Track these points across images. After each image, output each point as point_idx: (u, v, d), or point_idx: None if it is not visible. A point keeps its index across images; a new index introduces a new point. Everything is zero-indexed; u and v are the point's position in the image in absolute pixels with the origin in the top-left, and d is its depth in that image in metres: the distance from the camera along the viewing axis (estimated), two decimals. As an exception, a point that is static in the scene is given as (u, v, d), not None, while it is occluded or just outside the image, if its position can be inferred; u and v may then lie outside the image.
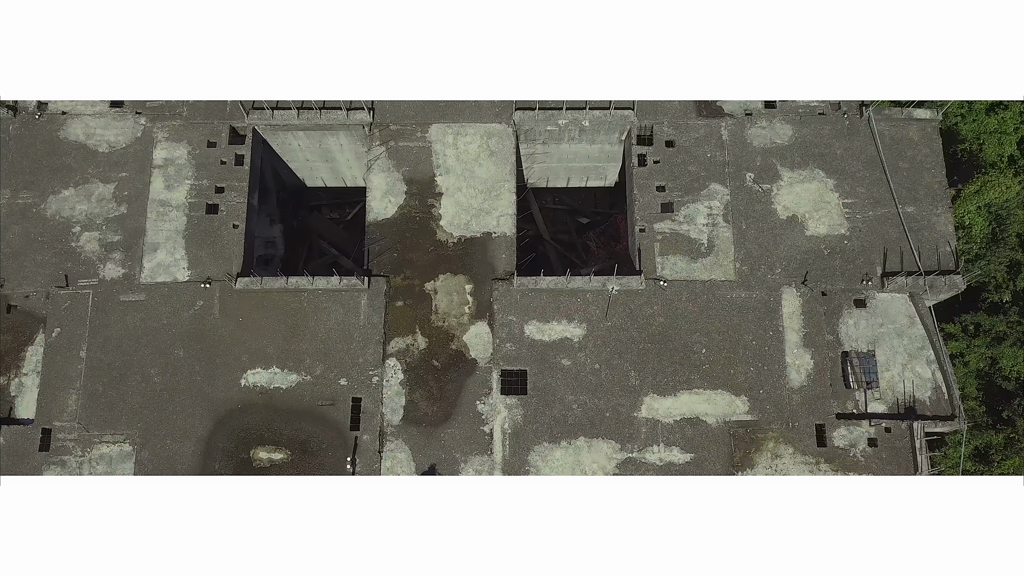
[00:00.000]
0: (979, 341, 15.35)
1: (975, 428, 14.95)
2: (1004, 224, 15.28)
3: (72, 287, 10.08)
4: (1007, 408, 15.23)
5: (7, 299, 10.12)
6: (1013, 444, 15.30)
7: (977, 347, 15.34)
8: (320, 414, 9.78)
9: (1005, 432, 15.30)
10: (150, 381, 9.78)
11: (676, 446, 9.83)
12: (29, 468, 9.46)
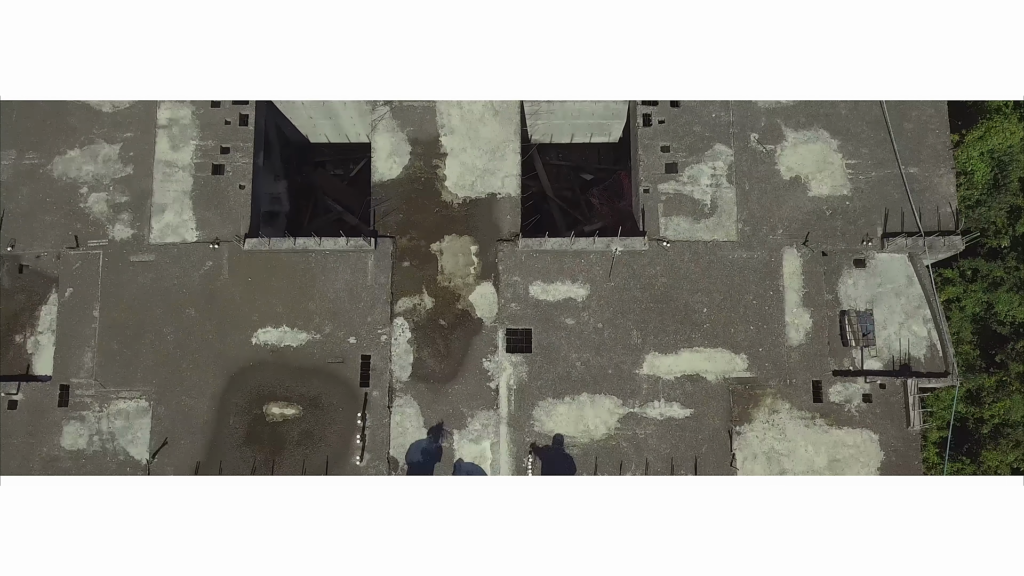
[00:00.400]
0: (976, 286, 15.42)
1: (969, 371, 15.21)
2: (1006, 170, 15.45)
3: (82, 248, 10.26)
4: (1000, 352, 15.48)
5: (19, 259, 10.29)
6: (1004, 387, 15.48)
7: (974, 292, 15.43)
8: (330, 371, 10.06)
9: (997, 375, 15.52)
10: (163, 340, 10.03)
11: (676, 401, 10.16)
12: (50, 423, 9.83)
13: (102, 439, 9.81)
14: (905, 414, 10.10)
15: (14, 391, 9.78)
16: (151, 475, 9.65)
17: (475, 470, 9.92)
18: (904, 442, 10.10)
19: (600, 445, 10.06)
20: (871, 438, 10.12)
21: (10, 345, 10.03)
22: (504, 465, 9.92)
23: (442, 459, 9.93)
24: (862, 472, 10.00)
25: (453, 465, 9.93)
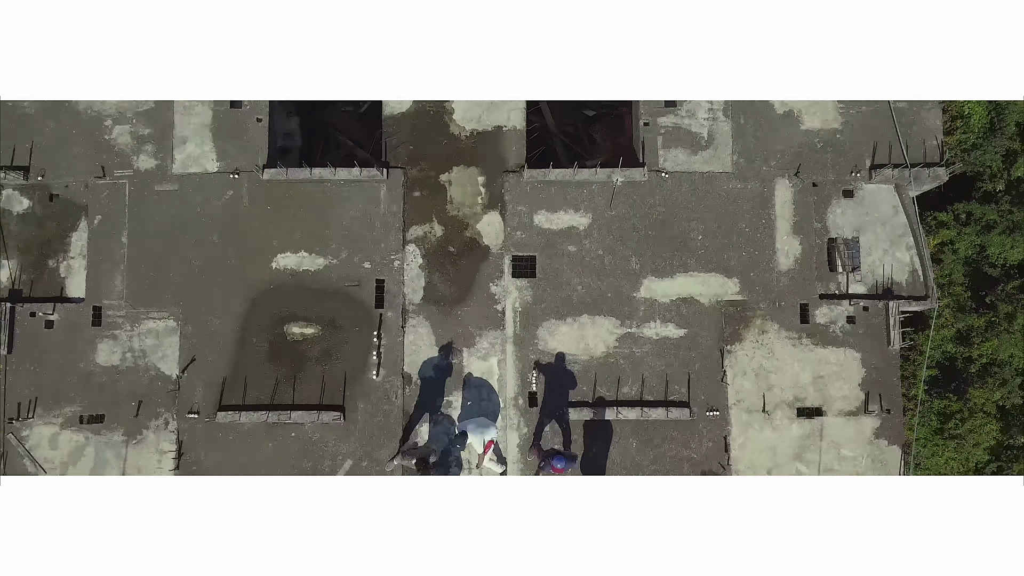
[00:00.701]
0: (969, 229, 15.64)
1: (959, 311, 15.87)
2: (1003, 114, 15.92)
3: (109, 178, 10.84)
4: (990, 294, 16.13)
5: (49, 189, 10.88)
6: (993, 327, 16.20)
7: (967, 235, 15.66)
8: (347, 294, 10.70)
9: (987, 316, 16.16)
10: (189, 264, 10.64)
11: (671, 322, 10.83)
12: (84, 341, 10.52)
13: (134, 356, 10.52)
14: (886, 334, 10.82)
15: (50, 312, 10.46)
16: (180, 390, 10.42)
17: (483, 384, 10.66)
18: (884, 360, 10.84)
19: (599, 362, 10.79)
20: (853, 356, 10.86)
21: (44, 269, 10.68)
22: (510, 380, 10.66)
23: (452, 374, 10.67)
24: (843, 388, 10.78)
25: (463, 380, 10.69)
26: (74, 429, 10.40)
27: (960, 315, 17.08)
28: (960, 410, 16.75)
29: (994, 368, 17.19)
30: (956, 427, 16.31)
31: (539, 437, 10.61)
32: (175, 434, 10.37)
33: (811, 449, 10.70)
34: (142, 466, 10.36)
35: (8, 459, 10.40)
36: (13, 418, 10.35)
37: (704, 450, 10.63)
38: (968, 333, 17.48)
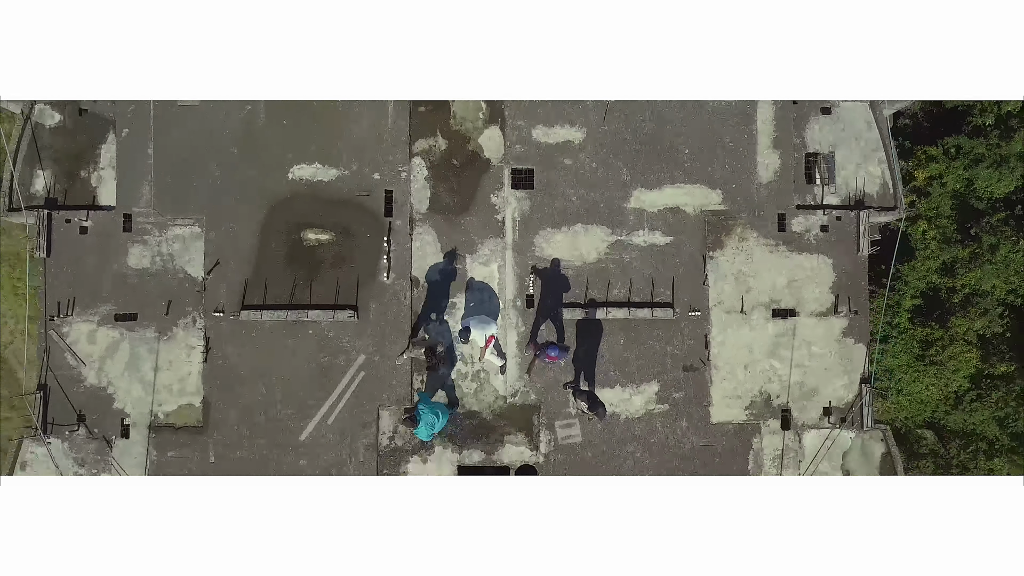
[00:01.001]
0: (958, 163, 16.16)
1: (945, 243, 16.47)
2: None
3: None
4: (976, 226, 16.79)
5: (78, 104, 11.69)
6: (977, 258, 16.71)
7: (955, 168, 16.19)
8: (358, 202, 11.59)
9: (971, 247, 16.73)
10: (211, 175, 11.47)
11: (658, 231, 11.77)
12: (116, 246, 11.44)
13: (163, 259, 11.46)
14: (856, 242, 11.80)
15: (84, 219, 11.40)
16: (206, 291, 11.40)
17: (485, 287, 11.65)
18: (854, 265, 11.84)
19: (591, 267, 11.76)
20: (825, 262, 11.84)
21: (76, 179, 11.54)
22: (509, 284, 11.65)
23: (456, 278, 11.66)
24: (815, 291, 11.78)
25: (466, 283, 11.67)
26: (110, 326, 11.40)
27: (945, 247, 17.89)
28: (941, 337, 17.61)
29: (976, 298, 18.04)
30: (937, 354, 17.24)
31: (535, 335, 11.64)
32: (202, 331, 11.40)
33: (784, 347, 11.76)
34: (173, 360, 11.40)
35: (51, 354, 11.47)
36: (54, 316, 11.39)
37: (686, 347, 11.69)
38: (953, 264, 18.30)
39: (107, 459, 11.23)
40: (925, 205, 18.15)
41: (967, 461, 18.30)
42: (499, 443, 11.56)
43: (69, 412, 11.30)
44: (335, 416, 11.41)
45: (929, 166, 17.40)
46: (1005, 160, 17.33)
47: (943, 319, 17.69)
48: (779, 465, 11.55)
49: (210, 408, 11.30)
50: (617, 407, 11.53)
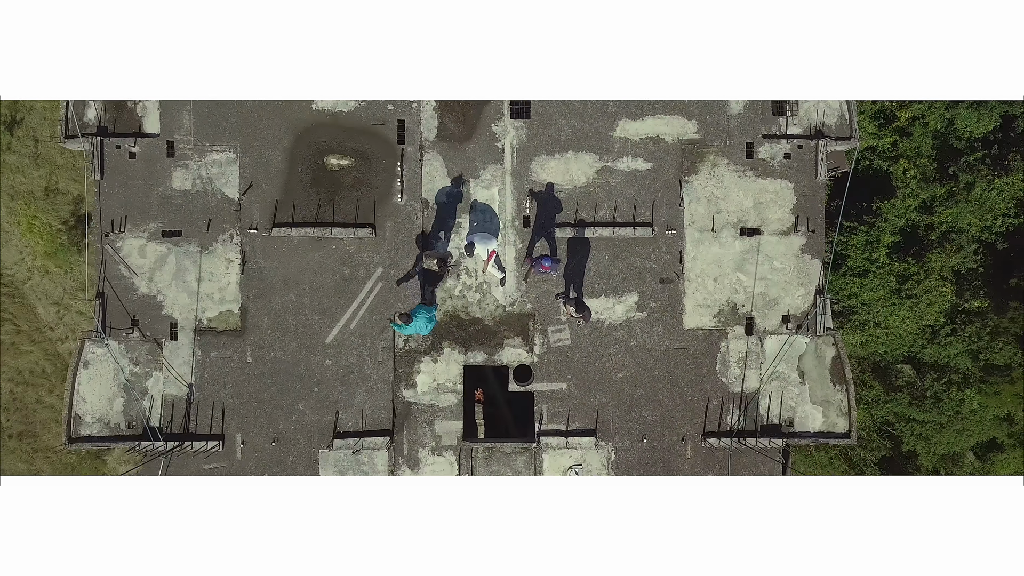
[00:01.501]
0: (939, 103, 17.60)
1: (924, 181, 17.86)
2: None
3: None
4: (953, 165, 17.93)
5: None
6: (954, 196, 18.00)
7: (937, 108, 17.67)
8: (374, 131, 13.12)
9: (948, 186, 18.05)
10: (243, 105, 12.94)
11: (640, 157, 13.34)
12: (161, 170, 12.99)
13: (203, 182, 13.07)
14: (815, 168, 13.42)
15: (132, 145, 12.96)
16: (241, 210, 13.03)
17: (487, 208, 13.30)
18: (812, 189, 13.45)
19: (581, 191, 13.38)
20: (787, 186, 13.45)
21: (123, 109, 13.03)
22: (508, 205, 13.29)
23: (461, 200, 13.31)
24: (778, 212, 13.42)
25: (470, 205, 13.32)
26: (157, 241, 13.07)
27: (924, 185, 18.97)
28: (917, 272, 18.65)
29: (953, 235, 19.12)
30: (912, 288, 18.51)
31: (531, 250, 13.33)
32: (239, 246, 13.09)
33: (749, 262, 13.48)
34: (213, 271, 13.10)
35: (107, 266, 13.18)
36: (108, 232, 13.05)
37: (663, 261, 13.39)
38: (931, 202, 19.53)
39: (158, 359, 13.03)
40: (906, 145, 19.43)
41: (940, 392, 19.98)
42: (499, 346, 13.35)
43: (124, 317, 13.06)
44: (356, 321, 13.18)
45: (912, 106, 18.28)
46: (981, 102, 18.33)
47: (920, 255, 18.96)
48: (743, 366, 13.40)
49: (247, 314, 13.07)
50: (602, 314, 13.31)
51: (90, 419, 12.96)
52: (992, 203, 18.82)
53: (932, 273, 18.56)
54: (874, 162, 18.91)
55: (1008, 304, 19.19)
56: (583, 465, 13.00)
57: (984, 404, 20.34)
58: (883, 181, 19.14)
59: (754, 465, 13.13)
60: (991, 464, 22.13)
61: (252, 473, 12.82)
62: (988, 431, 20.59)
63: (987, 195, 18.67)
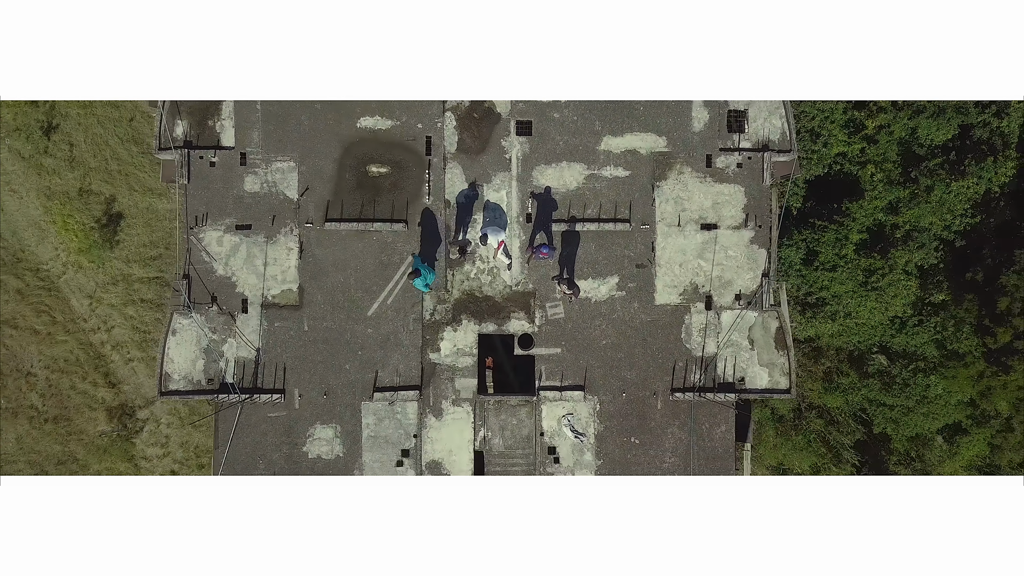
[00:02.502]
0: (903, 114, 20.91)
1: (889, 184, 21.17)
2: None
3: None
4: (916, 169, 21.41)
5: (203, 72, 17.92)
6: (916, 198, 21.30)
7: (901, 119, 20.92)
8: (407, 145, 17.30)
9: (911, 188, 21.37)
10: (301, 123, 16.91)
11: (620, 166, 17.61)
12: (235, 175, 17.44)
13: (269, 185, 17.59)
14: (761, 175, 18.25)
15: (212, 156, 17.61)
16: (299, 208, 17.79)
17: (497, 207, 17.89)
18: (759, 192, 18.00)
19: (572, 193, 17.85)
20: (739, 190, 17.95)
21: (205, 127, 17.70)
22: (514, 205, 17.92)
23: (477, 200, 17.95)
24: (732, 211, 18.05)
25: (483, 204, 18.10)
26: (232, 233, 17.41)
27: (890, 188, 22.20)
28: (882, 267, 21.98)
29: (916, 233, 22.46)
30: (878, 281, 21.89)
31: (532, 241, 17.96)
32: (297, 237, 17.41)
33: (708, 251, 18.09)
34: (277, 257, 17.56)
35: (191, 253, 18.00)
36: (193, 226, 17.86)
37: (638, 250, 17.82)
38: (896, 203, 22.62)
39: (232, 328, 17.79)
40: (873, 151, 22.59)
41: (908, 378, 23.44)
42: (507, 318, 17.84)
43: (204, 294, 17.64)
44: (392, 298, 17.74)
45: (879, 116, 21.68)
46: (943, 111, 21.87)
47: (885, 251, 22.11)
48: (703, 335, 18.23)
49: (303, 292, 17.40)
50: (589, 293, 17.82)
51: (177, 377, 17.67)
52: (951, 204, 22.44)
53: (896, 268, 21.98)
54: (844, 167, 22.21)
55: (964, 296, 22.70)
56: (574, 414, 17.81)
57: (948, 389, 23.70)
58: (852, 184, 22.67)
59: (713, 415, 17.85)
60: (957, 447, 25.18)
61: (308, 421, 17.60)
62: (952, 415, 24.13)
63: (946, 197, 22.16)
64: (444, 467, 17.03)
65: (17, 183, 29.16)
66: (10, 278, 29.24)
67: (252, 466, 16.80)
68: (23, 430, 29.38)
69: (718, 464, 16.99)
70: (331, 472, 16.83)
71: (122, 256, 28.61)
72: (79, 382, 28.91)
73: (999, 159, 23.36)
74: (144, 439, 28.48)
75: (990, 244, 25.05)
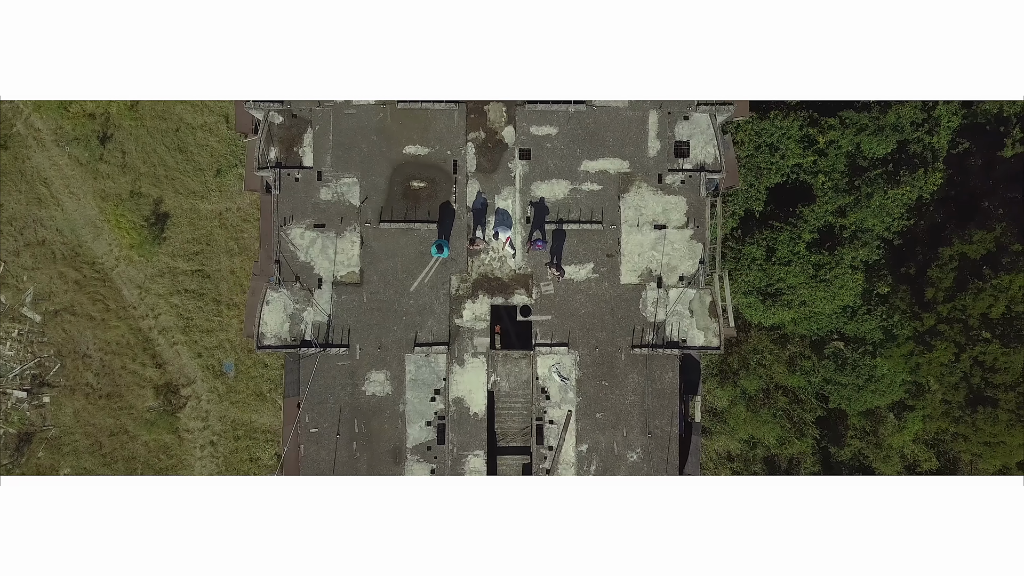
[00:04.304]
0: (849, 131, 27.85)
1: (837, 191, 28.19)
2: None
3: (321, 106, 27.82)
4: (859, 179, 28.45)
5: (291, 111, 29.19)
6: (859, 203, 28.39)
7: (847, 135, 27.85)
8: (439, 167, 25.04)
9: (854, 195, 28.47)
10: (361, 149, 24.98)
11: (595, 183, 25.80)
12: (313, 187, 27.79)
13: (338, 195, 26.86)
14: (699, 189, 29.58)
15: (297, 174, 28.25)
16: (360, 212, 29.10)
17: (505, 212, 27.86)
18: (698, 201, 27.45)
19: (560, 202, 26.78)
20: (683, 200, 26.86)
21: (291, 152, 28.30)
22: (517, 211, 28.05)
23: (488, 208, 29.63)
24: (677, 215, 28.63)
25: (495, 210, 29.43)
26: (310, 230, 25.79)
27: (837, 194, 29.40)
28: (829, 262, 29.46)
29: (860, 234, 29.78)
30: (826, 273, 29.47)
31: (531, 236, 28.27)
32: (359, 233, 26.46)
33: (659, 244, 27.43)
34: (343, 248, 27.51)
35: (281, 244, 29.44)
36: (282, 224, 29.03)
37: (608, 244, 27.03)
38: (843, 208, 29.94)
39: (310, 300, 28.82)
40: (824, 162, 30.39)
41: (857, 360, 31.41)
42: (511, 293, 27.49)
43: (290, 274, 27.82)
44: (428, 278, 27.84)
45: (828, 133, 29.28)
46: (882, 129, 29.66)
47: (832, 248, 29.51)
48: (656, 306, 29.58)
49: (363, 273, 26.39)
50: (572, 275, 27.74)
51: (269, 335, 28.07)
52: (889, 209, 30.31)
53: (843, 263, 29.41)
54: (799, 176, 30.33)
55: (900, 287, 30.46)
56: (560, 364, 29.00)
57: (892, 369, 31.67)
58: (806, 191, 30.86)
59: (662, 365, 27.89)
60: (905, 421, 33.49)
61: (366, 368, 28.14)
62: (897, 392, 32.23)
63: (885, 203, 29.96)
64: (465, 402, 28.42)
65: (76, 186, 37.95)
66: (69, 270, 38.11)
67: (324, 400, 28.27)
68: (80, 405, 38.37)
69: (665, 402, 28.55)
70: (383, 408, 28.39)
71: (168, 251, 38.60)
72: (129, 363, 38.27)
73: (929, 170, 31.27)
74: (187, 413, 38.14)
75: (922, 243, 32.76)
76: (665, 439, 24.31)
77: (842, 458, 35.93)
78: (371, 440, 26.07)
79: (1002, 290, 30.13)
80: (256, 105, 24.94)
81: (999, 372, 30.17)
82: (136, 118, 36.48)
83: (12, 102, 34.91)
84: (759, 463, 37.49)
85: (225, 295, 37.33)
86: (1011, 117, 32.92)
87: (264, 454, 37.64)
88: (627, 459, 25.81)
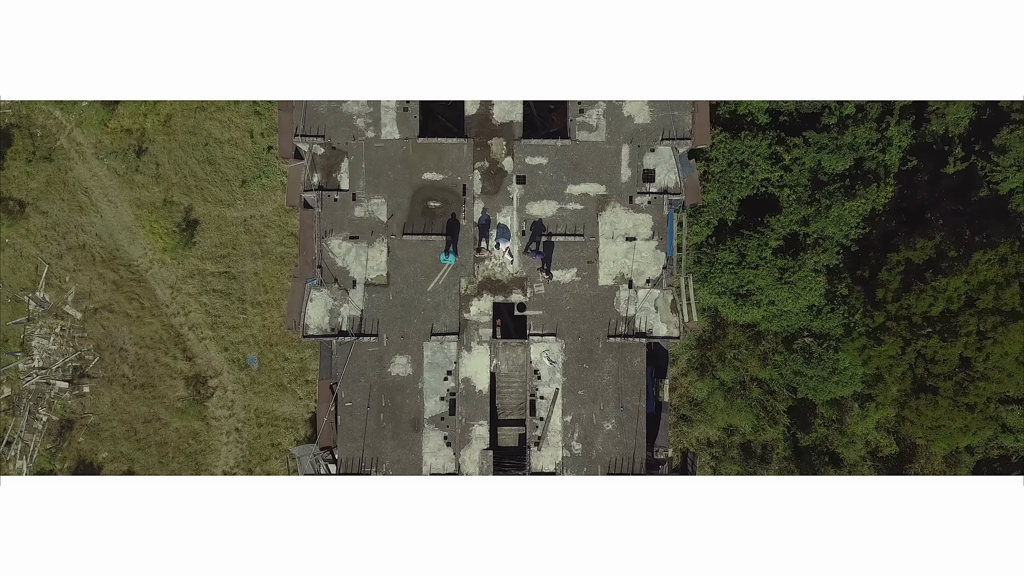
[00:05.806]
0: (811, 149, 37.88)
1: (799, 203, 38.67)
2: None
3: (355, 140, 37.98)
4: (820, 192, 37.80)
5: (330, 143, 41.20)
6: (820, 213, 38.17)
7: (810, 153, 37.86)
8: (452, 189, 34.73)
9: (816, 206, 38.37)
10: (387, 176, 33.87)
11: (578, 204, 34.49)
12: (348, 207, 38.99)
13: (369, 212, 35.63)
14: (663, 208, 42.08)
15: (335, 194, 39.17)
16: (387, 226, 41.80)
17: (505, 227, 39.22)
18: (662, 218, 39.67)
19: (550, 219, 35.83)
20: (651, 218, 36.18)
21: (330, 177, 39.71)
22: (515, 226, 39.36)
23: (491, 223, 42.16)
24: (645, 229, 40.38)
25: (496, 224, 42.30)
26: (346, 241, 35.78)
27: (801, 206, 39.40)
28: (793, 266, 39.60)
29: (822, 241, 39.77)
30: (790, 276, 39.86)
31: (527, 247, 38.76)
32: (386, 243, 37.25)
33: (631, 254, 38.12)
34: (373, 255, 38.32)
35: (323, 252, 42.24)
36: (324, 236, 41.64)
37: (589, 252, 35.91)
38: (807, 218, 39.74)
39: (346, 297, 40.69)
40: (789, 177, 41.11)
41: (822, 353, 41.36)
42: (510, 293, 37.00)
43: (330, 276, 39.97)
44: (442, 280, 38.67)
45: (793, 151, 39.45)
46: (840, 148, 39.72)
47: (796, 254, 39.22)
48: (627, 303, 42.14)
49: (390, 276, 36.32)
50: (559, 279, 37.53)
51: (312, 327, 40.19)
52: (846, 219, 39.53)
53: (806, 267, 38.39)
54: (767, 189, 39.54)
55: (855, 288, 39.33)
56: (550, 350, 41.71)
57: (852, 362, 40.44)
58: (773, 202, 40.06)
59: (632, 351, 38.91)
60: (867, 411, 43.02)
61: (392, 353, 39.52)
62: (856, 384, 41.06)
63: (842, 213, 39.04)
64: (472, 381, 41.33)
65: (113, 195, 47.50)
66: (107, 271, 48.29)
67: (357, 380, 41.31)
68: (116, 395, 48.44)
69: (635, 381, 41.57)
70: (405, 386, 41.54)
71: (197, 255, 49.50)
72: (162, 356, 47.83)
73: (882, 185, 39.47)
74: (214, 402, 48.19)
75: (875, 249, 40.20)
76: (635, 411, 36.66)
77: (807, 443, 44.53)
78: (395, 412, 37.11)
79: (941, 291, 37.42)
80: (303, 139, 35.67)
81: (938, 363, 37.50)
82: (169, 133, 44.86)
83: (56, 118, 44.52)
84: (736, 449, 47.05)
85: (250, 295, 46.63)
86: (955, 138, 42.16)
87: (285, 440, 46.48)
88: (603, 428, 36.65)
